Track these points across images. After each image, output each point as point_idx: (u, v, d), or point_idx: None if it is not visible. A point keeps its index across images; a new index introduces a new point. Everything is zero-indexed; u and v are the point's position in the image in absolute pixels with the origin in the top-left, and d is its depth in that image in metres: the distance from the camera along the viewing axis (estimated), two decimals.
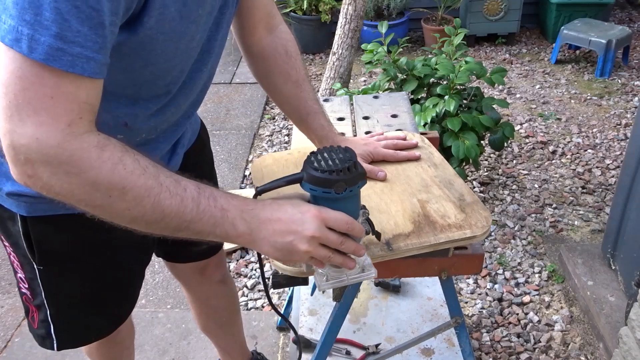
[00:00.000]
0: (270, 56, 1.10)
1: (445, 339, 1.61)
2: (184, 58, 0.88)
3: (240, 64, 4.32)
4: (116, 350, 1.43)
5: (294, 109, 1.13)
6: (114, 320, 1.21)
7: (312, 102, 1.12)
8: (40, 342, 1.15)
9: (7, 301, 2.24)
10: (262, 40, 1.10)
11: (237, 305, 1.63)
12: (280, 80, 1.11)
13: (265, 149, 3.25)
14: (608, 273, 2.09)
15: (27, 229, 0.99)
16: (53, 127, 0.66)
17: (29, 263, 1.04)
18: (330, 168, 0.76)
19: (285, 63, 1.10)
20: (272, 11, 1.10)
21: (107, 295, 1.15)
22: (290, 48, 1.11)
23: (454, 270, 1.07)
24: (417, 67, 2.46)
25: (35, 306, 1.11)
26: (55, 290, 1.08)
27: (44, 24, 0.62)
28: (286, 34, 1.12)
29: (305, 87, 1.12)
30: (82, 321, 1.16)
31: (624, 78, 3.88)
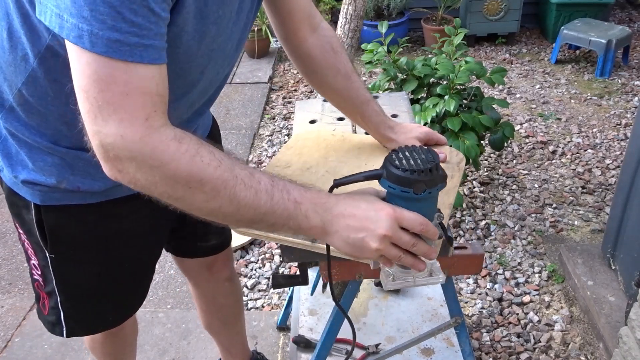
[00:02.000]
0: (317, 54, 1.13)
1: (445, 339, 1.61)
2: (205, 59, 0.89)
3: (241, 64, 4.32)
4: (119, 346, 1.44)
5: (347, 100, 1.16)
6: (123, 311, 1.23)
7: (363, 91, 1.15)
8: (50, 329, 1.18)
9: (7, 301, 2.24)
10: (307, 40, 1.12)
11: (241, 304, 1.64)
12: (330, 75, 1.14)
13: (265, 149, 3.25)
14: (608, 273, 2.09)
15: (41, 218, 1.01)
16: (133, 123, 0.69)
17: (41, 251, 1.06)
18: (411, 167, 0.75)
19: (333, 59, 1.13)
20: (312, 11, 1.13)
21: (117, 286, 1.16)
22: (335, 44, 1.14)
23: (453, 270, 1.07)
24: (417, 67, 2.46)
25: (47, 293, 1.13)
26: (66, 278, 1.10)
27: (99, 18, 0.65)
28: (329, 31, 1.15)
29: (355, 79, 1.15)
30: (92, 310, 1.18)
31: (624, 78, 3.88)
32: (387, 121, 1.17)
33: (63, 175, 0.96)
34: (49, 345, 2.03)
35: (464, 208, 2.64)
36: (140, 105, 0.70)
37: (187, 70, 0.88)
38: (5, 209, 2.76)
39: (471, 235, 2.50)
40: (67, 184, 0.97)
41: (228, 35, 0.91)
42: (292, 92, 3.94)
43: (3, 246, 2.54)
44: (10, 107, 0.91)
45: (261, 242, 2.51)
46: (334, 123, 1.49)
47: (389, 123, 1.17)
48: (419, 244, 0.78)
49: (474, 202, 2.68)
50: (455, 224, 2.56)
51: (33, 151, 0.95)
